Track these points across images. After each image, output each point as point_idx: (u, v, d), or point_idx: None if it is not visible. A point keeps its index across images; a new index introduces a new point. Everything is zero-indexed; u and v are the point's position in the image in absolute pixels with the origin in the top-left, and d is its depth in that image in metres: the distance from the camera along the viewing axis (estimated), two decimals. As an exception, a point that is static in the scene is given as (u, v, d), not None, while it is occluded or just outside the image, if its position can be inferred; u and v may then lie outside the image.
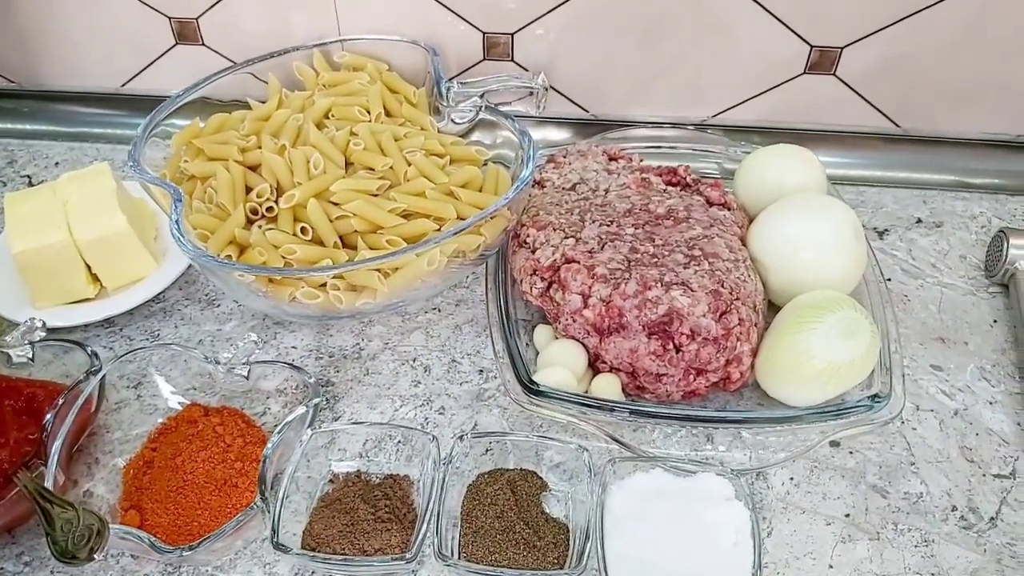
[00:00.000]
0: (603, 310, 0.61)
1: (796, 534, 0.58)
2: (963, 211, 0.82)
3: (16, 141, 0.91)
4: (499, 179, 0.70)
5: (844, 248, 0.64)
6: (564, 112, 0.86)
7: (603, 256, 0.63)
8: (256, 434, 0.61)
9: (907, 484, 0.60)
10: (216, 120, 0.73)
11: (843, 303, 0.60)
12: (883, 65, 0.79)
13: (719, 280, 0.61)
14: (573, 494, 0.58)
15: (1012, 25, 0.75)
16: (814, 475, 0.61)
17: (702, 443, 0.62)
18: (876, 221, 0.81)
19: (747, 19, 0.76)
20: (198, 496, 0.57)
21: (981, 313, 0.72)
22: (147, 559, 0.56)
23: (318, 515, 0.57)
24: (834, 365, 0.58)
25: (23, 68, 0.91)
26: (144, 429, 0.62)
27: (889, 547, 0.57)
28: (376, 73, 0.77)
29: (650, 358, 0.60)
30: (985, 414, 0.65)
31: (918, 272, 0.76)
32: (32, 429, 0.58)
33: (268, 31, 0.82)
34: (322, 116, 0.73)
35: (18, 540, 0.57)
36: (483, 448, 0.60)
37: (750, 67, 0.80)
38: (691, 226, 0.66)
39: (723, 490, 0.56)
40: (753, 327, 0.62)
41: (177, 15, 0.83)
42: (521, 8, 0.78)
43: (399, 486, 0.59)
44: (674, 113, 0.85)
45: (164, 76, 0.88)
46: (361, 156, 0.68)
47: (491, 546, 0.54)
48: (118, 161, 0.87)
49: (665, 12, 0.77)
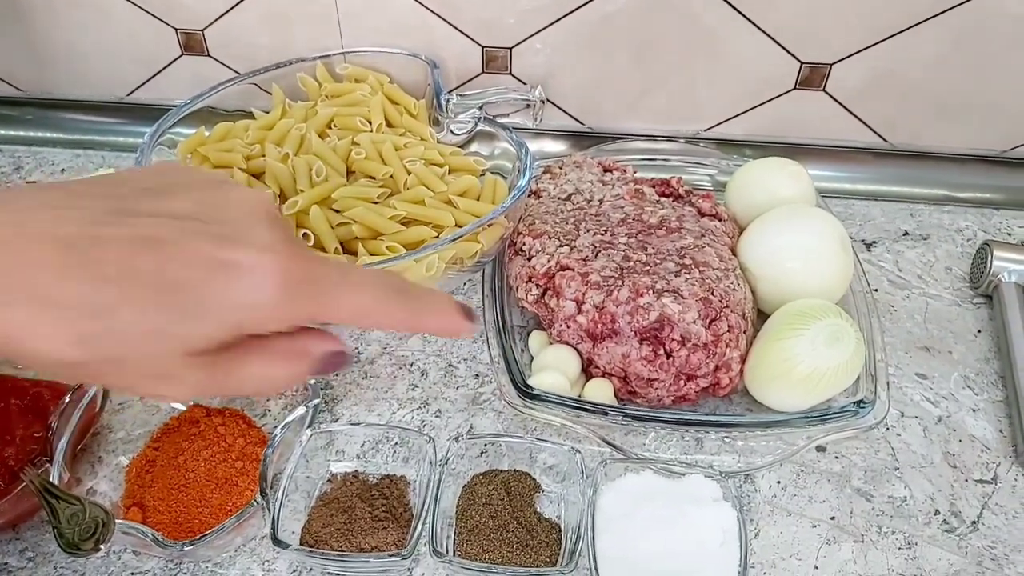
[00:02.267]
0: (596, 316, 0.62)
1: (782, 535, 0.59)
2: (949, 224, 0.83)
3: (22, 148, 0.93)
4: (496, 188, 0.72)
5: (831, 258, 0.66)
6: (560, 124, 0.88)
7: (597, 264, 0.65)
8: (256, 435, 0.63)
9: (891, 488, 0.62)
10: (221, 129, 0.74)
11: (829, 311, 0.61)
12: (872, 82, 0.81)
13: (709, 288, 0.63)
14: (565, 495, 0.60)
15: (996, 43, 0.77)
16: (800, 479, 0.62)
17: (692, 447, 0.64)
18: (864, 233, 0.82)
19: (739, 36, 0.78)
20: (199, 494, 0.58)
21: (965, 323, 0.74)
22: (148, 555, 0.57)
23: (317, 513, 0.58)
24: (819, 371, 0.59)
25: (30, 77, 0.92)
26: (147, 429, 0.63)
27: (873, 549, 0.58)
28: (377, 85, 0.79)
29: (641, 363, 0.61)
30: (968, 421, 0.66)
31: (904, 283, 0.77)
32: (37, 428, 0.60)
33: (272, 43, 0.84)
34: (324, 126, 0.74)
35: (22, 536, 0.59)
36: (478, 450, 0.61)
37: (742, 82, 0.82)
38: (683, 236, 0.67)
39: (711, 491, 0.58)
40: (742, 334, 0.63)
41: (184, 26, 0.85)
42: (519, 23, 0.80)
43: (396, 486, 0.60)
44: (667, 126, 0.87)
45: (169, 86, 0.90)
46: (362, 165, 0.70)
47: (485, 544, 0.56)
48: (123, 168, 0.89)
49: (659, 29, 0.79)
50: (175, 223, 0.33)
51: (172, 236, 0.32)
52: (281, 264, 0.33)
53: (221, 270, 0.32)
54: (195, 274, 0.32)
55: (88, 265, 0.31)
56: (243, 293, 0.33)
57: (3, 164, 0.90)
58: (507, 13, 0.79)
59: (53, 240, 0.31)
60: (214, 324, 0.33)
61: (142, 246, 0.32)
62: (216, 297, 0.32)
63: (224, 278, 0.32)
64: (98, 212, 0.32)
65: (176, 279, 0.32)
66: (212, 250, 0.32)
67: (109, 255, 0.31)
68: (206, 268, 0.32)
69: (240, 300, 0.33)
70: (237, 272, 0.33)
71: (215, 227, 0.33)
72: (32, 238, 0.31)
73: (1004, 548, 0.58)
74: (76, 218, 0.32)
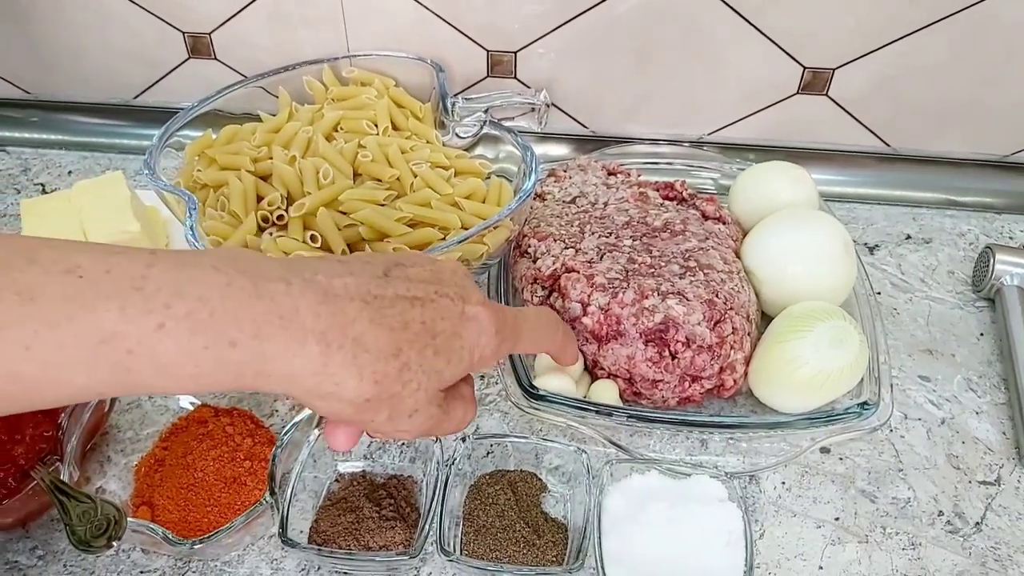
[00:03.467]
0: (601, 318, 0.63)
1: (787, 536, 0.60)
2: (951, 228, 0.84)
3: (29, 150, 0.93)
4: (502, 191, 0.72)
5: (834, 261, 0.67)
6: (565, 128, 0.89)
7: (602, 266, 0.65)
8: (264, 435, 0.63)
9: (895, 489, 0.62)
10: (228, 131, 0.75)
11: (832, 313, 0.62)
12: (874, 86, 0.81)
13: (714, 290, 0.63)
14: (571, 495, 0.60)
15: (997, 49, 0.77)
16: (805, 480, 0.63)
17: (697, 448, 0.64)
18: (867, 237, 0.83)
19: (742, 40, 0.79)
20: (208, 493, 0.59)
21: (968, 326, 0.74)
22: (157, 553, 0.58)
23: (324, 513, 0.58)
24: (823, 372, 0.60)
25: (37, 79, 0.93)
26: (155, 429, 0.64)
27: (877, 550, 0.59)
28: (384, 88, 0.80)
29: (646, 364, 0.62)
30: (971, 423, 0.67)
31: (907, 286, 0.78)
32: (47, 427, 0.60)
33: (279, 47, 0.84)
34: (331, 129, 0.75)
35: (32, 534, 0.59)
36: (485, 450, 0.62)
37: (745, 87, 0.83)
38: (687, 239, 0.68)
39: (716, 492, 0.58)
40: (746, 336, 0.64)
41: (191, 30, 0.85)
42: (524, 28, 0.80)
43: (403, 486, 0.61)
44: (671, 130, 0.88)
45: (176, 89, 0.90)
46: (369, 167, 0.70)
47: (492, 544, 0.56)
48: (130, 170, 0.89)
49: (662, 33, 0.79)
50: (425, 285, 0.42)
51: (428, 295, 0.42)
52: (493, 315, 0.44)
53: (467, 321, 0.42)
54: (451, 325, 0.42)
55: (382, 318, 0.39)
56: (481, 338, 0.43)
57: (10, 166, 0.91)
58: (512, 18, 0.80)
59: (359, 298, 0.39)
60: (466, 364, 0.43)
61: (411, 304, 0.41)
62: (469, 342, 0.43)
63: (470, 326, 0.43)
64: (368, 277, 0.40)
65: (442, 329, 0.41)
66: (459, 306, 0.42)
67: (394, 310, 0.40)
68: (459, 320, 0.42)
69: (479, 343, 0.43)
70: (476, 322, 0.43)
71: (450, 289, 0.43)
72: (341, 295, 0.39)
73: (1008, 549, 0.59)
74: (359, 283, 0.40)
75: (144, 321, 0.34)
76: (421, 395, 0.41)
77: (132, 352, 0.34)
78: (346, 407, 0.39)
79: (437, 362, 0.41)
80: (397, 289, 0.41)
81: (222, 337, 0.35)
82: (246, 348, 0.36)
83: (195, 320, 0.35)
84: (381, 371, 0.39)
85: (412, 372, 0.40)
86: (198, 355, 0.35)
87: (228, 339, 0.35)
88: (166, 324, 0.34)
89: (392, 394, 0.40)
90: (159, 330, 0.34)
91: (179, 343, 0.34)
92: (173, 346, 0.34)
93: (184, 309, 0.35)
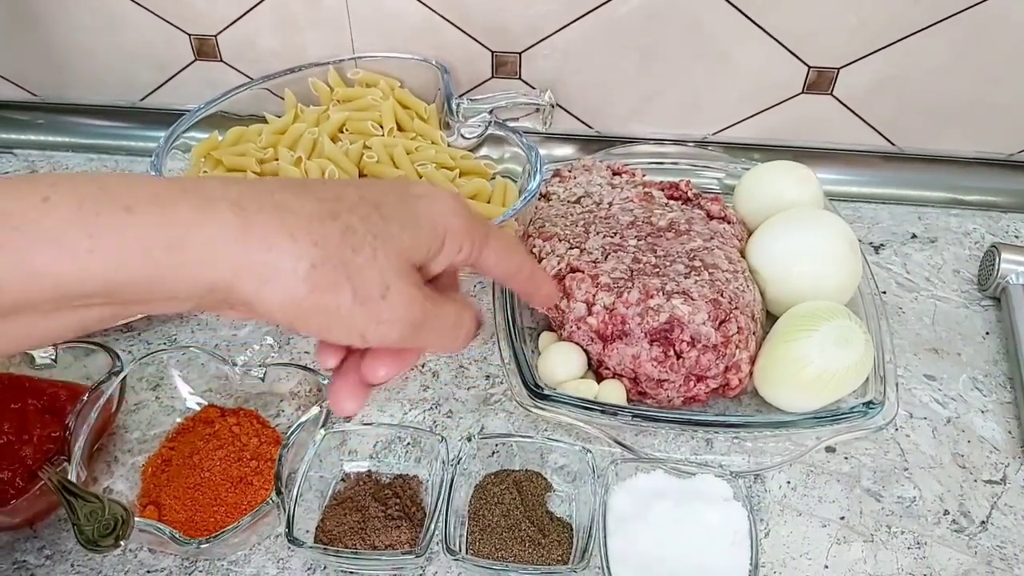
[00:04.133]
0: (606, 317, 0.63)
1: (792, 535, 0.59)
2: (957, 227, 0.84)
3: (36, 152, 0.94)
4: (507, 192, 0.73)
5: (839, 260, 0.67)
6: (569, 128, 0.89)
7: (607, 266, 0.65)
8: (271, 434, 0.63)
9: (901, 488, 0.62)
10: (234, 133, 0.75)
11: (838, 312, 0.62)
12: (879, 86, 0.81)
13: (719, 290, 0.63)
14: (576, 494, 0.60)
15: (1002, 48, 0.77)
16: (810, 479, 0.63)
17: (702, 447, 0.64)
18: (872, 236, 0.83)
19: (746, 40, 0.79)
20: (214, 493, 0.59)
21: (974, 325, 0.74)
22: (164, 553, 0.58)
23: (330, 512, 0.59)
24: (828, 372, 0.60)
25: (44, 81, 0.93)
26: (162, 429, 0.64)
27: (883, 549, 0.59)
28: (389, 89, 0.80)
29: (652, 364, 0.62)
30: (977, 422, 0.67)
31: (913, 285, 0.78)
32: (54, 428, 0.60)
33: (284, 48, 0.85)
34: (336, 130, 0.75)
35: (39, 534, 0.59)
36: (490, 450, 0.62)
37: (750, 86, 0.83)
38: (692, 238, 0.68)
39: (722, 491, 0.58)
40: (751, 335, 0.64)
41: (197, 32, 0.86)
42: (529, 29, 0.81)
43: (409, 486, 0.61)
44: (676, 130, 0.88)
45: (182, 91, 0.91)
46: (374, 168, 0.71)
47: (497, 543, 0.56)
48: (136, 172, 0.89)
49: (666, 33, 0.80)
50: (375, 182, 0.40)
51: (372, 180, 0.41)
52: (449, 192, 0.39)
53: (417, 198, 0.38)
54: (397, 198, 0.38)
55: (306, 191, 0.36)
56: (438, 205, 0.38)
57: (17, 168, 0.91)
58: (517, 18, 0.80)
59: (288, 184, 0.36)
60: (427, 232, 0.37)
61: (344, 184, 0.38)
62: (424, 210, 0.38)
63: (422, 200, 0.38)
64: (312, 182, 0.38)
65: (387, 201, 0.37)
66: (403, 187, 0.39)
67: (324, 187, 0.37)
68: (406, 195, 0.38)
69: (439, 210, 0.38)
70: (428, 197, 0.38)
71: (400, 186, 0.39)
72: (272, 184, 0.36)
73: (1014, 548, 0.59)
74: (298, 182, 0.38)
75: (29, 197, 0.32)
76: (382, 261, 0.35)
77: (18, 229, 0.32)
78: (297, 286, 0.34)
79: (389, 227, 0.36)
80: (337, 183, 0.39)
81: (115, 203, 0.32)
82: (144, 213, 0.33)
83: (82, 193, 0.32)
84: (318, 232, 0.34)
85: (359, 236, 0.35)
86: (90, 223, 0.32)
87: (122, 205, 0.32)
88: (51, 198, 0.32)
89: (343, 260, 0.34)
90: (44, 203, 0.32)
91: (67, 213, 0.32)
92: (61, 217, 0.32)
93: (70, 184, 0.33)
